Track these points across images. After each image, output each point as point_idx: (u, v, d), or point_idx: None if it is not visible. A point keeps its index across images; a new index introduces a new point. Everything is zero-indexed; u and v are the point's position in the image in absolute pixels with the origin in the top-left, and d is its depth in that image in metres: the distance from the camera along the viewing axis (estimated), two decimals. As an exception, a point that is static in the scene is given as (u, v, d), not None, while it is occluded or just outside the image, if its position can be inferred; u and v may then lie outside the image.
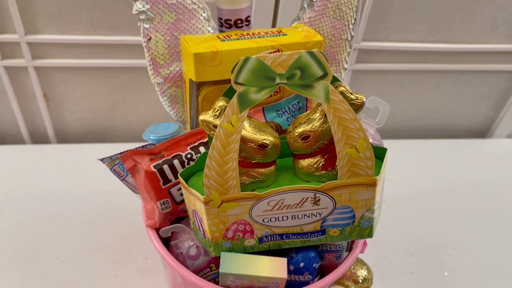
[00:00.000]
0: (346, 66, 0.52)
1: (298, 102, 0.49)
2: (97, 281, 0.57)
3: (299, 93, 0.35)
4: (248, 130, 0.38)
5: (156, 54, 0.46)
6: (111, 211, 0.66)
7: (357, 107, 0.38)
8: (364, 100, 0.38)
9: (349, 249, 0.47)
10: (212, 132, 0.37)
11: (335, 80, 0.39)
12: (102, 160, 0.44)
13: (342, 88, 0.37)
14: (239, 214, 0.39)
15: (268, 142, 0.38)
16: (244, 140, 0.38)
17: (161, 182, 0.43)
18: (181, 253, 0.45)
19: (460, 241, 0.69)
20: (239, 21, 0.47)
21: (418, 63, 0.76)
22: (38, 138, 0.79)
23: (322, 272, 0.46)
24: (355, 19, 0.50)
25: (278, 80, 0.35)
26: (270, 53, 0.44)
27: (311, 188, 0.38)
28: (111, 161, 0.45)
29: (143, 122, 0.78)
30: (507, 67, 0.79)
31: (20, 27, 0.64)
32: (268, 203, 0.39)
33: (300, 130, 0.39)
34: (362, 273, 0.59)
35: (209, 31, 0.47)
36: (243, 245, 0.41)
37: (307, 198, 0.39)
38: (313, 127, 0.38)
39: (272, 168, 0.40)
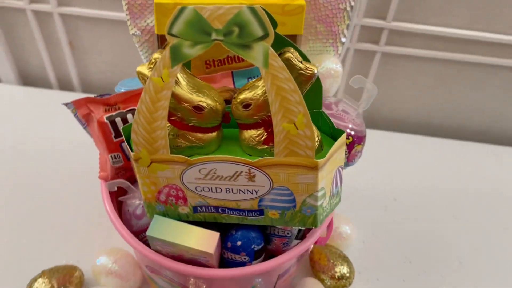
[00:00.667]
0: (343, 40, 0.47)
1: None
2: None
3: (236, 53, 0.32)
4: (184, 89, 0.35)
5: (133, 3, 0.45)
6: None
7: (307, 78, 0.34)
8: (315, 71, 0.34)
9: (302, 237, 0.43)
10: (145, 85, 0.34)
11: (286, 45, 0.35)
12: (66, 104, 0.44)
13: (288, 54, 0.33)
14: (170, 178, 0.37)
15: (204, 105, 0.35)
16: (178, 99, 0.35)
17: (113, 135, 0.42)
18: (128, 210, 0.44)
19: (472, 258, 0.61)
20: (223, -23, 0.44)
21: (460, 52, 0.67)
22: (64, 85, 0.82)
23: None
24: (356, -13, 0.44)
25: (214, 36, 0.32)
26: (241, 12, 0.40)
27: (245, 162, 0.35)
28: (74, 108, 0.44)
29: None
30: None
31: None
32: (199, 171, 0.36)
33: (241, 97, 0.35)
34: (341, 269, 0.54)
35: (189, -15, 0.44)
36: (177, 211, 0.39)
37: (241, 172, 0.35)
38: (255, 95, 0.35)
39: (212, 135, 0.37)
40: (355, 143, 0.43)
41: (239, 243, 0.40)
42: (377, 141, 0.73)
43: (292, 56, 0.33)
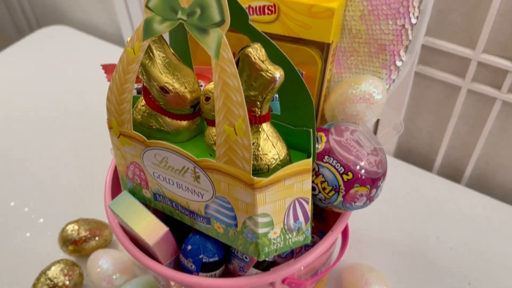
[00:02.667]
0: (399, 63, 0.39)
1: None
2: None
3: (195, 37, 0.29)
4: (156, 67, 0.33)
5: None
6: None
7: (266, 82, 0.29)
8: (277, 76, 0.29)
9: (264, 267, 0.37)
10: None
11: (260, 40, 0.30)
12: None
13: (249, 50, 0.29)
14: (134, 156, 0.36)
15: (170, 88, 0.33)
16: (149, 76, 0.33)
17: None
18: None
19: None
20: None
21: None
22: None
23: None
24: (420, 1, 0.36)
25: (179, 15, 0.30)
26: (264, 6, 0.37)
27: (190, 158, 0.32)
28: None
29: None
30: None
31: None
32: (155, 155, 0.34)
33: (205, 88, 0.32)
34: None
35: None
36: (142, 193, 0.38)
37: (188, 168, 0.32)
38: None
39: (182, 123, 0.34)
40: (357, 182, 0.35)
41: (189, 247, 0.36)
42: (482, 208, 0.59)
43: (253, 53, 0.29)
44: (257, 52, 0.29)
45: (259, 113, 0.30)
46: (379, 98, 0.39)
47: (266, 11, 0.37)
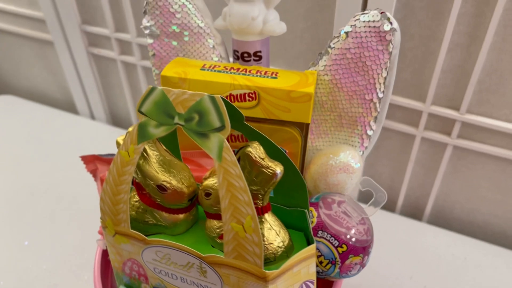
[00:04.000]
0: (370, 133, 0.42)
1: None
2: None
3: (195, 141, 0.30)
4: (151, 166, 0.34)
5: (161, 71, 0.46)
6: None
7: (267, 177, 0.30)
8: (278, 172, 0.30)
9: None
10: (118, 155, 0.34)
11: (257, 139, 0.32)
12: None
13: (249, 149, 0.30)
14: (132, 253, 0.36)
15: (168, 185, 0.34)
16: (144, 175, 0.34)
17: (111, 194, 0.43)
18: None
19: None
20: (245, 54, 0.43)
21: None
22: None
23: None
24: (385, 78, 0.40)
25: (176, 120, 0.31)
26: (244, 94, 0.39)
27: (196, 255, 0.32)
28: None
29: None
30: None
31: (133, 29, 0.72)
32: (156, 253, 0.34)
33: (204, 183, 0.33)
34: None
35: (212, 59, 0.44)
36: (140, 287, 0.38)
37: (193, 264, 0.33)
38: (216, 184, 0.32)
39: (179, 216, 0.35)
40: (351, 253, 0.37)
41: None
42: (445, 244, 0.64)
43: (253, 152, 0.30)
44: (256, 151, 0.30)
45: (261, 204, 0.32)
46: (357, 167, 0.42)
47: (247, 98, 0.39)
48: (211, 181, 0.33)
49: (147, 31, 0.44)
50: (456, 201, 0.67)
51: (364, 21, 0.38)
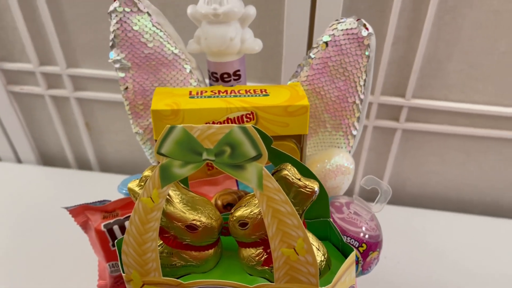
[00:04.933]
0: (354, 132, 0.44)
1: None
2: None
3: (228, 173, 0.30)
4: (176, 207, 0.33)
5: (135, 104, 0.44)
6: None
7: (306, 196, 0.31)
8: (316, 189, 0.31)
9: None
10: (136, 204, 0.32)
11: (284, 160, 0.32)
12: (66, 208, 0.42)
13: (285, 172, 0.31)
14: (164, 300, 0.34)
15: (198, 223, 0.32)
16: (170, 218, 0.32)
17: (111, 243, 0.40)
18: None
19: None
20: (225, 75, 0.43)
21: (487, 128, 0.63)
22: (82, 164, 0.82)
23: None
24: (365, 80, 0.42)
25: (205, 156, 0.30)
26: (242, 116, 0.39)
27: (241, 287, 0.32)
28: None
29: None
30: None
31: (62, 60, 0.66)
32: (194, 294, 0.33)
33: (238, 214, 0.32)
34: None
35: (191, 84, 0.43)
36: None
37: (240, 297, 0.32)
38: (252, 213, 0.32)
39: (209, 252, 0.34)
40: (370, 250, 0.39)
41: None
42: (403, 218, 0.69)
43: (289, 174, 0.30)
44: (291, 172, 0.31)
45: (299, 224, 0.32)
46: (352, 167, 0.44)
47: (245, 119, 0.39)
48: (245, 211, 0.32)
49: (117, 65, 0.42)
50: (407, 178, 0.72)
51: (342, 29, 0.40)
